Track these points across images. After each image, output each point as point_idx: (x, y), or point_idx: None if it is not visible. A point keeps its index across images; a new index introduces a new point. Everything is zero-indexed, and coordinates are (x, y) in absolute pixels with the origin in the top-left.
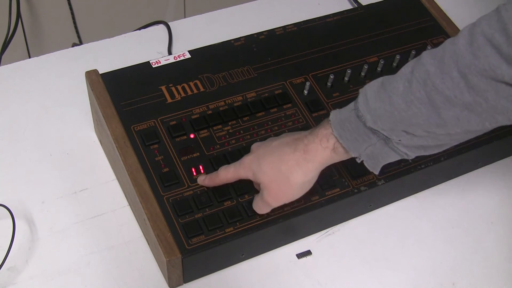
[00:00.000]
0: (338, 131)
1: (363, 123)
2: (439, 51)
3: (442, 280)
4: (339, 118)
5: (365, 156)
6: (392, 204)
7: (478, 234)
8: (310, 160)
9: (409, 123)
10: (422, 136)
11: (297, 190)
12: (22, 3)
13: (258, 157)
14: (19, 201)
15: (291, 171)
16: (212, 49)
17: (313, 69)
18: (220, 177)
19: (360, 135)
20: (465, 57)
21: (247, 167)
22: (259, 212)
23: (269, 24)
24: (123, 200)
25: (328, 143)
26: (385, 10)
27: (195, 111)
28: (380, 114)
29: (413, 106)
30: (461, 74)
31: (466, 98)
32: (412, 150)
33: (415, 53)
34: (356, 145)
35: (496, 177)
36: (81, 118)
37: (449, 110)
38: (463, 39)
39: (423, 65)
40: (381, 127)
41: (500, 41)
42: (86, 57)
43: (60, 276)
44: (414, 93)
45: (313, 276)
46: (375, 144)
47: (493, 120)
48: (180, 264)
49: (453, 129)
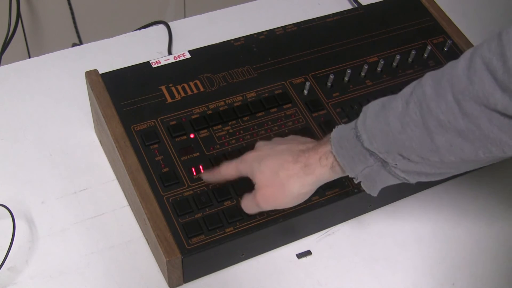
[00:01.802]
0: (336, 149)
1: (361, 143)
2: (439, 73)
3: (442, 280)
4: (339, 136)
5: (362, 177)
6: (392, 204)
7: (478, 234)
8: (309, 174)
9: (403, 146)
10: (418, 162)
11: (290, 199)
12: (22, 3)
13: (260, 156)
14: (19, 201)
15: (288, 179)
16: (212, 49)
17: (313, 69)
18: (221, 172)
19: (357, 154)
20: (461, 81)
21: (248, 163)
22: (246, 211)
23: (269, 24)
24: (123, 200)
25: (327, 161)
26: (385, 10)
27: (195, 111)
28: (375, 133)
29: (407, 128)
30: (455, 99)
31: (459, 124)
32: (411, 175)
33: (415, 53)
34: (352, 164)
35: (496, 177)
36: (81, 118)
37: (441, 135)
38: (463, 62)
39: (422, 87)
40: (377, 149)
41: (496, 66)
42: (86, 57)
43: (60, 276)
44: (410, 115)
45: (313, 276)
46: (372, 166)
47: (486, 150)
48: (180, 264)
49: (447, 157)
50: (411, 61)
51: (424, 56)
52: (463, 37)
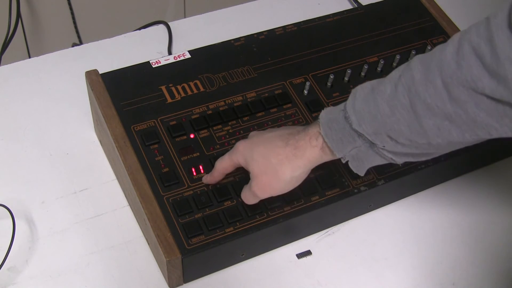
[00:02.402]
0: (325, 130)
1: (349, 124)
2: (427, 57)
3: (442, 280)
4: (328, 117)
5: (350, 157)
6: (392, 204)
7: (478, 234)
8: (300, 157)
9: (392, 129)
10: (406, 144)
11: (285, 184)
12: (22, 3)
13: (252, 144)
14: (19, 201)
15: (280, 164)
16: (212, 49)
17: (313, 69)
18: (217, 168)
19: (345, 136)
20: (450, 66)
21: (241, 152)
22: (246, 202)
23: (269, 24)
24: (123, 200)
25: (317, 142)
26: (385, 10)
27: (195, 111)
28: (364, 116)
29: (396, 112)
30: (444, 83)
31: (447, 108)
32: (399, 156)
33: (415, 53)
34: (341, 146)
35: (496, 177)
36: (81, 118)
37: (429, 119)
38: (452, 46)
39: (410, 70)
40: (365, 131)
41: (484, 51)
42: (86, 57)
43: (60, 276)
44: (398, 98)
45: (313, 276)
46: (360, 147)
47: (473, 133)
48: (180, 264)
49: (434, 139)
50: None
51: None
52: None
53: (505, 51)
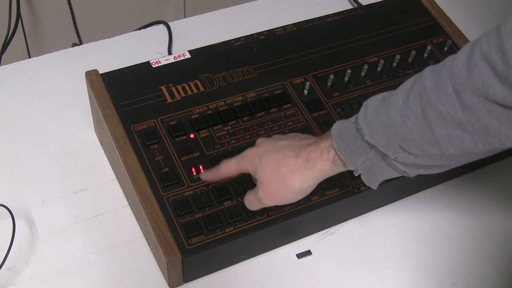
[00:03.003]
0: (337, 142)
1: (361, 136)
2: (439, 66)
3: (442, 280)
4: (340, 129)
5: (362, 170)
6: (392, 204)
7: (478, 234)
8: (310, 169)
9: (404, 139)
10: (418, 155)
11: (292, 195)
12: (22, 3)
13: (262, 152)
14: (19, 201)
15: (290, 174)
16: (212, 49)
17: (313, 69)
18: (221, 170)
19: (357, 148)
20: (461, 73)
21: (250, 160)
22: (249, 207)
23: (269, 24)
24: (123, 200)
25: (328, 155)
26: (385, 10)
27: (195, 111)
28: (376, 127)
29: (408, 121)
30: (455, 91)
31: (459, 116)
32: (411, 168)
33: (415, 53)
34: (353, 158)
35: (496, 177)
36: (81, 118)
37: (441, 127)
38: (463, 55)
39: (422, 80)
40: (377, 142)
41: (495, 58)
42: (86, 57)
43: (60, 276)
44: (410, 108)
45: (313, 276)
46: (372, 159)
47: (485, 142)
48: (180, 264)
49: (446, 149)
50: (411, 61)
51: (424, 56)
52: (463, 37)
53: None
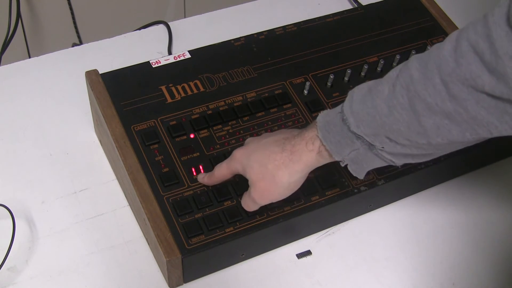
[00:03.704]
0: (322, 133)
1: (347, 126)
2: (425, 56)
3: (442, 280)
4: (326, 120)
5: (349, 160)
6: (392, 204)
7: (478, 234)
8: (296, 161)
9: (391, 129)
10: (405, 144)
11: (283, 190)
12: (22, 3)
13: (248, 151)
14: (19, 201)
15: (277, 170)
16: (212, 49)
17: (313, 69)
18: (215, 174)
19: (343, 138)
20: (448, 64)
21: (238, 160)
22: (246, 209)
23: (269, 24)
24: (123, 200)
25: (314, 146)
26: (385, 10)
27: (195, 111)
28: (362, 117)
29: (395, 111)
30: (443, 81)
31: (446, 106)
32: (398, 157)
33: (415, 53)
34: (339, 148)
35: (496, 177)
36: (81, 118)
37: (429, 118)
38: (449, 44)
39: (408, 70)
40: (363, 132)
41: (483, 48)
42: (86, 57)
43: (60, 276)
44: (397, 98)
45: (313, 276)
46: (358, 149)
47: (473, 132)
48: (180, 264)
49: (434, 139)
50: None
51: None
52: None
53: (504, 48)
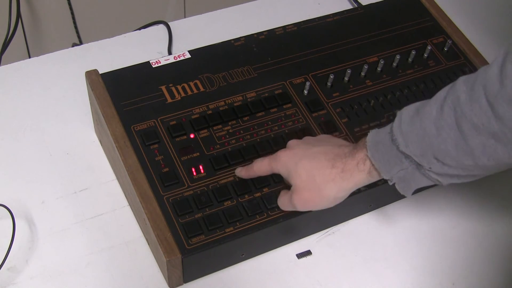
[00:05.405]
0: (372, 153)
1: (396, 146)
2: (472, 78)
3: (442, 280)
4: (375, 140)
5: (397, 179)
6: (392, 204)
7: (478, 234)
8: (346, 179)
9: (438, 149)
10: (452, 165)
11: (327, 203)
12: (22, 3)
13: (296, 157)
14: (19, 201)
15: (325, 184)
16: (212, 49)
17: (313, 69)
18: (254, 169)
19: (392, 158)
20: (494, 85)
21: (283, 164)
22: (282, 208)
23: (269, 24)
24: (123, 200)
25: (365, 166)
26: (385, 10)
27: (195, 111)
28: (411, 137)
29: (443, 132)
30: (488, 102)
31: (492, 126)
32: (445, 178)
33: (415, 53)
34: (388, 167)
35: (496, 178)
36: (81, 118)
37: (475, 138)
38: (496, 66)
39: (455, 91)
40: (412, 152)
41: None
42: (86, 57)
43: (60, 276)
44: (445, 119)
45: (313, 276)
46: (407, 168)
47: None
48: (180, 264)
49: (481, 159)
50: (411, 61)
51: (424, 56)
52: (463, 37)
53: None
